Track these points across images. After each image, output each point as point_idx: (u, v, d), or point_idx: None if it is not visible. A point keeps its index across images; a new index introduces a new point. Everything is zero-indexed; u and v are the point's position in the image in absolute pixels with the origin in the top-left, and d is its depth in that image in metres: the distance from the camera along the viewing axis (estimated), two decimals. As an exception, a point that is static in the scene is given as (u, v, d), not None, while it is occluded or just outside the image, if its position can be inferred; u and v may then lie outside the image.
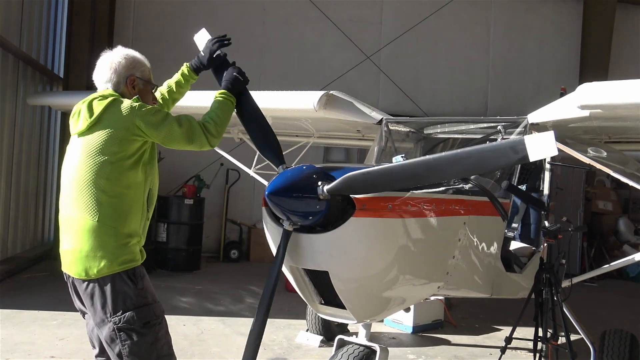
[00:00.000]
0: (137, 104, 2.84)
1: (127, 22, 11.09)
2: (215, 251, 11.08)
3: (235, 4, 11.57)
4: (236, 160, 6.95)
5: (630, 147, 5.47)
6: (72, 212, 2.81)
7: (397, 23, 11.99)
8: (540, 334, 4.31)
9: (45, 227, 10.42)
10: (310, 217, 2.92)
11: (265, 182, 3.06)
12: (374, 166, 3.18)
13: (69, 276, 2.89)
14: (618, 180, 4.60)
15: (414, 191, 3.37)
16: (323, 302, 3.40)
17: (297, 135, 7.13)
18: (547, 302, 4.28)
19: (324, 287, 3.26)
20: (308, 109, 5.07)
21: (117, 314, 2.73)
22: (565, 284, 4.54)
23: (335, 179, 2.92)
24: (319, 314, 3.61)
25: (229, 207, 11.06)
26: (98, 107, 2.82)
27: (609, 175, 4.56)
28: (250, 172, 6.78)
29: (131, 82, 3.02)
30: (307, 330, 5.96)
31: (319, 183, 2.88)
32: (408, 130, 5.47)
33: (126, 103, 2.83)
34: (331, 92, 5.03)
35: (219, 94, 3.13)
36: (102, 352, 2.96)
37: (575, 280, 4.71)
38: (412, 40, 11.94)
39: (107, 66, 3.01)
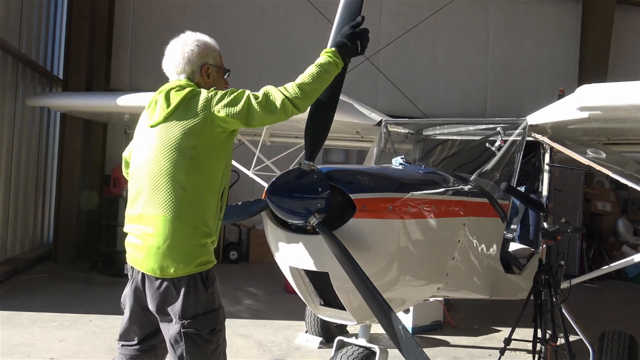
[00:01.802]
0: (212, 92, 2.68)
1: (127, 23, 11.06)
2: (215, 252, 11.06)
3: (235, 4, 11.57)
4: (235, 161, 6.91)
5: (629, 149, 5.48)
6: (147, 209, 2.64)
7: (396, 24, 11.99)
8: (539, 335, 4.31)
9: (44, 228, 10.41)
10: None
11: (264, 184, 3.06)
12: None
13: (137, 270, 2.74)
14: (617, 181, 4.60)
15: (413, 192, 3.39)
16: (323, 303, 3.40)
17: (296, 137, 7.14)
18: (546, 304, 4.28)
19: (324, 288, 3.27)
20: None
21: (186, 318, 2.62)
22: (564, 285, 4.55)
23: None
24: (318, 315, 3.61)
25: (228, 208, 11.05)
26: (176, 97, 2.68)
27: (608, 176, 4.56)
28: (250, 173, 6.78)
29: (205, 70, 2.86)
30: (306, 332, 5.95)
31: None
32: (407, 131, 5.48)
33: (204, 94, 2.67)
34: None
35: (326, 52, 2.83)
36: (144, 339, 2.82)
37: (574, 281, 4.72)
38: (411, 42, 11.93)
39: (180, 56, 2.83)
